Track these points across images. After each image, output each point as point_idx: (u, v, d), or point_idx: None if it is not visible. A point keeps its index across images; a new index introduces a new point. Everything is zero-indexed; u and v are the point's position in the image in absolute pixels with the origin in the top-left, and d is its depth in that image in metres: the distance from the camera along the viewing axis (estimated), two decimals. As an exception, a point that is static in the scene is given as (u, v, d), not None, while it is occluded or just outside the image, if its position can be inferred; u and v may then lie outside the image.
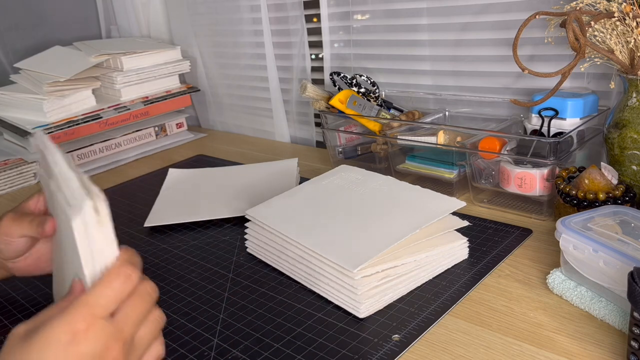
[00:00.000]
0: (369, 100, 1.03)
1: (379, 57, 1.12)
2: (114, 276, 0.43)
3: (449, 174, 0.90)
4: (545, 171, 0.78)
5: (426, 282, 0.65)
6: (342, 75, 1.04)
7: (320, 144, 1.28)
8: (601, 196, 0.69)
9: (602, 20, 0.71)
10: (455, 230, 0.69)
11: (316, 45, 1.21)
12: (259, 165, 1.06)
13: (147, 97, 1.31)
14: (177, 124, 1.41)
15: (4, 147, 1.26)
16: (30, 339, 0.41)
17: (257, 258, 0.75)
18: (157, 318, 0.46)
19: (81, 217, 0.41)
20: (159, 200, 0.95)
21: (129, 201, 1.00)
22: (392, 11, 1.06)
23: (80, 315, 0.40)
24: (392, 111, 1.06)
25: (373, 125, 0.99)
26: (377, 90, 1.04)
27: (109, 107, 1.25)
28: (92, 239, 0.42)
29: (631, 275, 0.47)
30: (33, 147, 0.54)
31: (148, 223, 0.87)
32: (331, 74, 1.05)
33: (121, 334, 0.42)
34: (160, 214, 0.90)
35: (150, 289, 0.46)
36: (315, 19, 1.20)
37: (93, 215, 0.42)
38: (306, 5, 1.18)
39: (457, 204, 0.69)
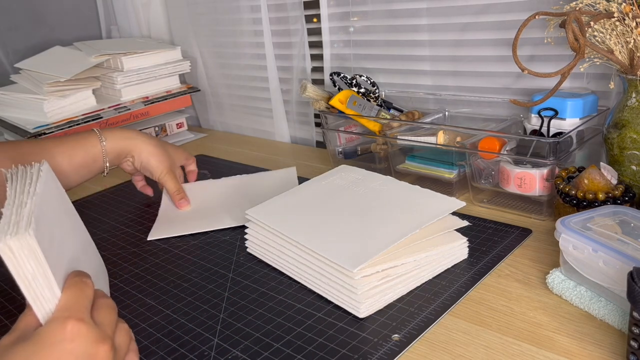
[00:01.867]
0: (369, 100, 1.03)
1: (378, 57, 1.12)
2: (71, 284, 0.46)
3: (449, 174, 0.90)
4: (544, 171, 0.78)
5: (426, 282, 0.65)
6: (342, 75, 1.04)
7: (320, 144, 1.28)
8: (601, 196, 0.69)
9: (602, 21, 0.71)
10: (455, 230, 0.69)
11: (316, 45, 1.21)
12: (257, 175, 1.05)
13: (147, 97, 1.31)
14: (177, 124, 1.41)
15: (4, 147, 1.26)
16: (23, 342, 0.42)
17: (257, 258, 0.75)
18: (127, 329, 0.49)
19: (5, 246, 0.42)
20: (161, 214, 0.92)
21: (129, 202, 1.00)
22: (392, 11, 1.06)
23: (68, 318, 0.43)
24: (392, 111, 1.06)
25: (373, 125, 0.99)
26: (377, 91, 1.04)
27: (109, 107, 1.25)
28: (29, 266, 0.43)
29: (630, 275, 0.47)
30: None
31: (151, 237, 0.85)
32: (331, 74, 1.05)
33: (106, 334, 0.45)
34: (163, 227, 0.87)
35: (111, 302, 0.48)
36: (315, 19, 1.20)
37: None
38: (306, 6, 1.19)
39: (457, 204, 0.69)
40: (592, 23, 0.71)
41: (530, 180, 0.79)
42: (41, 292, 0.44)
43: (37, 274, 0.44)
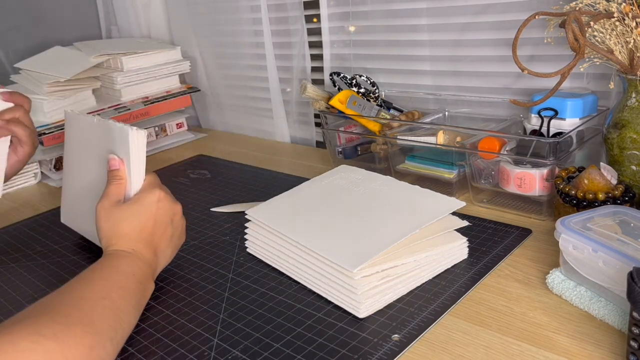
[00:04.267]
0: (368, 100, 1.03)
1: (378, 57, 1.12)
2: (150, 175, 0.70)
3: (449, 174, 0.90)
4: (544, 171, 0.78)
5: (426, 282, 0.65)
6: (342, 75, 1.04)
7: (320, 144, 1.28)
8: (600, 196, 0.69)
9: (602, 21, 0.71)
10: (455, 230, 0.69)
11: (316, 45, 1.21)
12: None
13: (147, 98, 1.31)
14: (177, 124, 1.41)
15: (4, 147, 1.26)
16: (126, 203, 0.66)
17: (257, 258, 0.75)
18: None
19: (135, 133, 0.67)
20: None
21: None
22: (392, 11, 1.06)
23: (155, 187, 0.67)
24: (391, 111, 1.06)
25: (373, 125, 0.99)
26: (376, 91, 1.04)
27: (109, 108, 1.25)
28: (139, 151, 0.68)
29: (630, 275, 0.47)
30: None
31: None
32: (331, 74, 1.05)
33: (175, 199, 0.70)
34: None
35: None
36: (315, 19, 1.20)
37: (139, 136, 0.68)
38: (306, 6, 1.19)
39: (457, 204, 0.69)
40: (592, 23, 0.71)
41: (530, 180, 0.79)
42: (139, 171, 0.68)
43: (142, 159, 0.68)
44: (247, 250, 0.77)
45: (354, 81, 1.03)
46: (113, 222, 0.65)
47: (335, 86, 1.06)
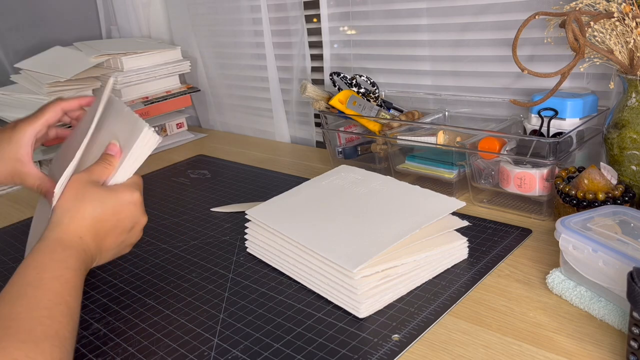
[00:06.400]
0: (368, 100, 1.03)
1: (378, 57, 1.12)
2: (137, 176, 0.68)
3: (449, 174, 0.90)
4: (544, 171, 0.78)
5: (426, 282, 0.65)
6: (342, 75, 1.04)
7: (320, 144, 1.28)
8: (600, 196, 0.69)
9: (602, 21, 0.71)
10: (455, 230, 0.69)
11: (316, 45, 1.21)
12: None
13: (147, 98, 1.31)
14: (177, 124, 1.41)
15: (4, 147, 1.26)
16: (103, 187, 0.62)
17: (257, 258, 0.75)
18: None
19: (148, 134, 0.65)
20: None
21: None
22: (392, 11, 1.06)
23: (136, 189, 0.65)
24: (391, 111, 1.06)
25: (373, 126, 0.99)
26: (376, 91, 1.04)
27: (109, 107, 1.25)
28: (143, 152, 0.66)
29: (630, 275, 0.47)
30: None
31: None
32: (331, 74, 1.05)
33: (145, 212, 0.67)
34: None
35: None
36: (315, 19, 1.20)
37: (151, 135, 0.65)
38: (306, 6, 1.19)
39: (457, 204, 0.69)
40: (592, 23, 0.71)
41: (530, 180, 0.79)
42: (130, 169, 0.66)
43: (141, 160, 0.66)
44: (247, 250, 0.77)
45: (354, 81, 1.03)
46: (79, 198, 0.61)
47: (335, 86, 1.06)
